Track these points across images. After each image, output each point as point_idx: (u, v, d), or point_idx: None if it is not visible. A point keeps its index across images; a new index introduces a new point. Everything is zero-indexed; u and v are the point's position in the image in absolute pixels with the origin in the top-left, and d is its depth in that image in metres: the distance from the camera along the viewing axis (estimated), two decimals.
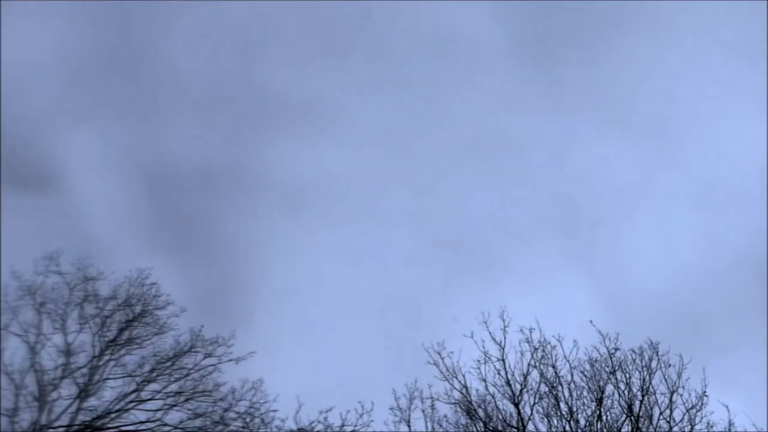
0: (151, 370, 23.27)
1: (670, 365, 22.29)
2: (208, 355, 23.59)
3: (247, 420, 22.26)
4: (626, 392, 22.29)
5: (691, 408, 22.02)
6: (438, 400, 23.48)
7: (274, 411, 22.21)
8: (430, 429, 23.54)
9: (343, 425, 22.05)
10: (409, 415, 23.49)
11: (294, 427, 21.57)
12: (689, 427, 21.91)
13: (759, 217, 21.97)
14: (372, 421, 22.57)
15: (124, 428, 22.04)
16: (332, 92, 33.28)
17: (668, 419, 22.15)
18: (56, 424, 21.77)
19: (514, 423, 23.01)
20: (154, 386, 23.04)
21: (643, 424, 22.40)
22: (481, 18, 32.59)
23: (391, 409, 23.32)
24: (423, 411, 23.66)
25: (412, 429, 23.28)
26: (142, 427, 22.19)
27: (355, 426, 22.06)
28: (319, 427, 21.71)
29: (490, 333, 23.20)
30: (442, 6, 31.47)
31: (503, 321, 23.33)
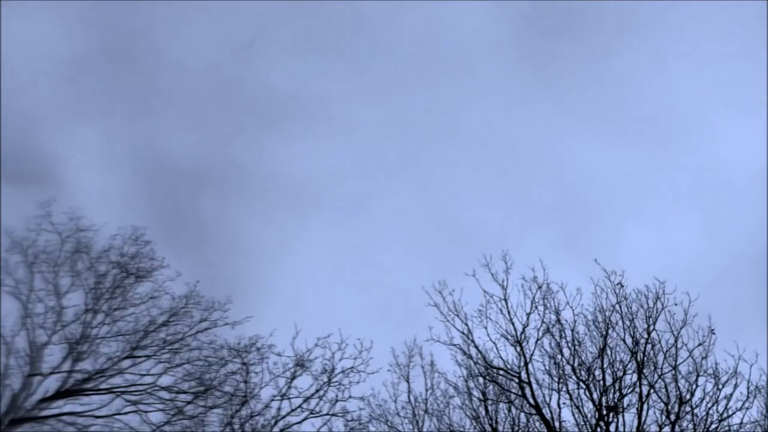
0: (145, 331, 22.60)
1: (676, 304, 21.92)
2: (203, 320, 22.94)
3: (243, 356, 21.45)
4: (630, 329, 21.77)
5: (699, 345, 21.52)
6: (438, 341, 22.94)
7: (271, 346, 21.56)
8: (429, 386, 23.04)
9: (342, 355, 21.39)
10: (408, 373, 23.12)
11: (291, 354, 20.84)
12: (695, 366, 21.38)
13: (759, 217, 22.07)
14: (371, 358, 21.90)
15: (116, 390, 21.23)
16: (332, 91, 33.83)
17: (674, 358, 21.61)
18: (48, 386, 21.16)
19: (515, 364, 22.37)
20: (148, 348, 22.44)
21: (648, 367, 21.77)
22: (480, 18, 33.64)
23: (390, 366, 22.95)
24: (422, 368, 23.26)
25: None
26: (135, 388, 21.39)
27: (355, 359, 21.35)
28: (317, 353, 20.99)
29: (492, 274, 22.88)
30: (441, 6, 32.55)
31: (506, 264, 23.15)
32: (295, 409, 20.77)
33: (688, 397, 21.60)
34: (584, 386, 22.21)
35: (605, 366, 21.56)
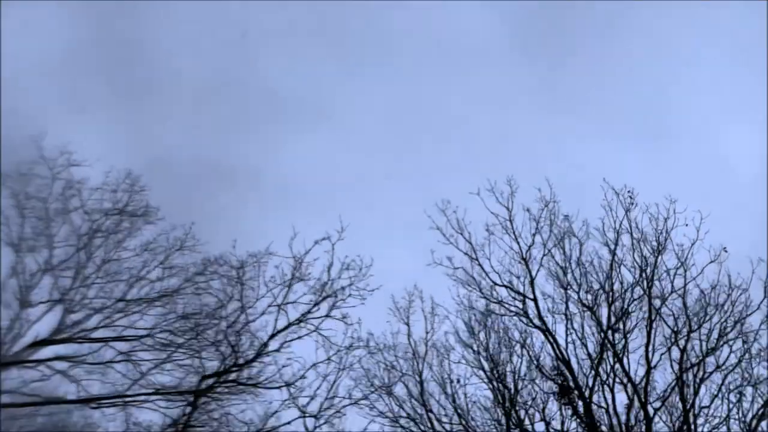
0: (138, 277, 21.68)
1: (686, 224, 21.27)
2: (200, 273, 21.69)
3: (239, 271, 20.50)
4: (639, 245, 21.09)
5: (710, 262, 20.83)
6: (440, 264, 22.20)
7: (270, 255, 20.64)
8: (429, 329, 22.26)
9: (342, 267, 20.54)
10: (408, 317, 22.34)
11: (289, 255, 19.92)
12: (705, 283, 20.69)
13: (759, 216, 21.72)
14: (371, 275, 21.07)
15: (107, 339, 20.38)
16: (331, 89, 33.55)
17: (683, 276, 20.92)
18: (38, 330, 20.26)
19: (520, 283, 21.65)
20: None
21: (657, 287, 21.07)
22: (479, 17, 33.56)
23: (390, 310, 22.14)
24: (422, 310, 22.42)
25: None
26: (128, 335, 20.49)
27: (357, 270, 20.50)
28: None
29: (496, 197, 22.23)
30: (441, 6, 32.48)
31: (510, 188, 22.51)
32: (292, 324, 19.96)
33: (696, 326, 21.01)
34: (589, 310, 21.56)
35: (614, 278, 20.92)
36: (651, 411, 20.18)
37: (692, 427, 20.38)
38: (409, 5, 31.05)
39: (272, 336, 19.80)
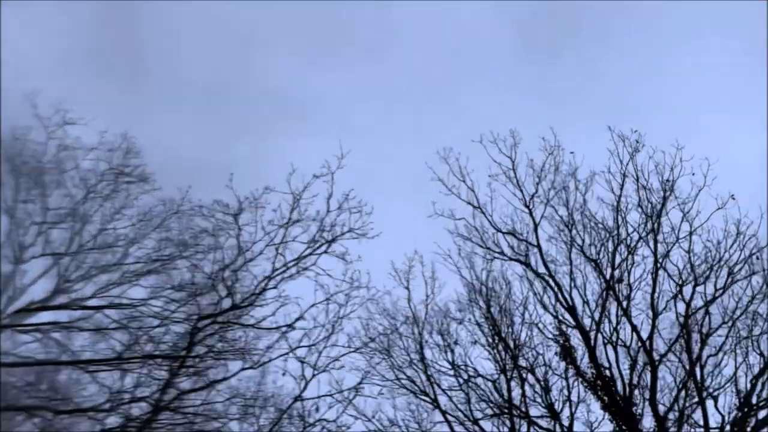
0: (132, 242, 21.17)
1: (693, 173, 20.88)
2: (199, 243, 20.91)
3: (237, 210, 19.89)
4: (645, 192, 20.64)
5: (718, 209, 20.40)
6: (441, 215, 21.81)
7: (268, 190, 19.91)
8: (429, 293, 22.00)
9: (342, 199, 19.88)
10: (408, 280, 22.03)
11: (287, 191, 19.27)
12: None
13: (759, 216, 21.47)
14: (372, 223, 20.59)
15: (101, 306, 19.85)
16: (332, 90, 33.39)
17: (691, 222, 20.48)
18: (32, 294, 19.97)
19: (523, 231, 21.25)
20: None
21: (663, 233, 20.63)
22: (479, 17, 33.40)
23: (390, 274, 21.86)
24: (423, 274, 22.18)
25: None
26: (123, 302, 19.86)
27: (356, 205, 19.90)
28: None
29: (498, 148, 21.85)
30: (441, 6, 32.29)
31: (514, 139, 22.10)
32: (290, 263, 19.41)
33: (702, 280, 20.60)
34: (593, 263, 21.16)
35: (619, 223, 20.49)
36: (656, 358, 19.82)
37: (698, 378, 19.97)
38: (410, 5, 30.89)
39: (269, 277, 19.29)
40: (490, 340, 21.55)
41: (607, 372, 20.38)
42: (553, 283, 20.55)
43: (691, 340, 20.31)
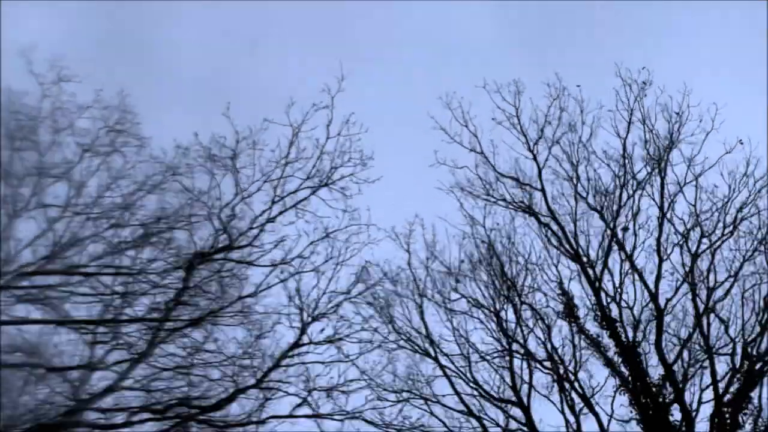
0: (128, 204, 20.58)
1: (701, 120, 20.47)
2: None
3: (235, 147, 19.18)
4: (652, 135, 20.23)
5: (726, 153, 19.99)
6: (443, 164, 21.38)
7: (267, 122, 18.86)
8: (429, 255, 21.59)
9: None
10: (409, 243, 21.57)
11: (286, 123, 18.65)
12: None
13: None
14: (372, 167, 20.07)
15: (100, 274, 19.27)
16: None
17: (699, 166, 20.10)
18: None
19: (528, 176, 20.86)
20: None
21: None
22: (479, 17, 33.00)
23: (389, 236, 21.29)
24: (423, 237, 21.74)
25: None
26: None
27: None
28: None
29: (501, 96, 21.44)
30: (441, 5, 31.86)
31: (517, 88, 21.66)
32: (287, 199, 18.86)
33: (709, 231, 20.24)
34: (598, 213, 20.79)
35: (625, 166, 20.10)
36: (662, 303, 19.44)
37: (705, 326, 19.59)
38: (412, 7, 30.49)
39: (265, 211, 18.75)
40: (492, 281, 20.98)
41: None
42: (557, 227, 20.15)
43: (696, 290, 19.89)
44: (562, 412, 19.81)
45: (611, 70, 20.37)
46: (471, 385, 20.52)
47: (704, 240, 19.71)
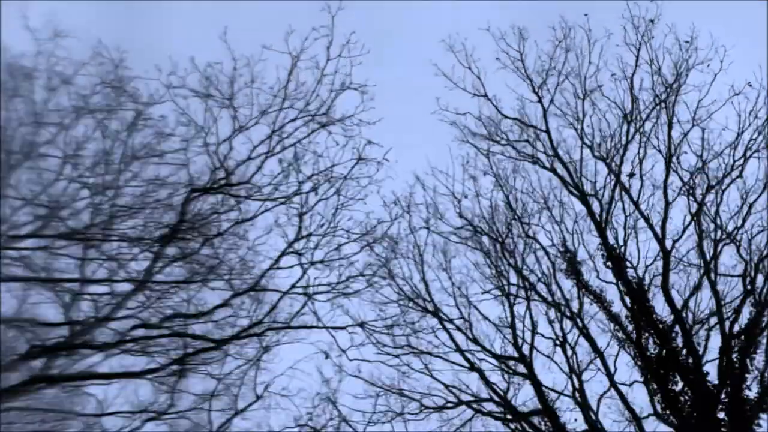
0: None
1: (708, 64, 20.02)
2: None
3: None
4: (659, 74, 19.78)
5: (735, 95, 19.51)
6: (445, 110, 20.96)
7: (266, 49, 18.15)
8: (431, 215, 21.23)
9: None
10: (409, 206, 21.14)
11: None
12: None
13: None
14: (373, 108, 19.56)
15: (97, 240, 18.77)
16: None
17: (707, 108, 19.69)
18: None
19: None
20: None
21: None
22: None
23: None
24: (424, 198, 21.39)
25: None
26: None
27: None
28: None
29: (506, 41, 21.00)
30: (440, 5, 31.43)
31: (520, 34, 21.24)
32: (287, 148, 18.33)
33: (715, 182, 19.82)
34: (603, 161, 20.37)
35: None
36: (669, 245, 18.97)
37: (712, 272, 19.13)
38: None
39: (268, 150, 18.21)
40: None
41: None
42: (562, 169, 19.72)
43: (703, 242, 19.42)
44: (570, 371, 19.26)
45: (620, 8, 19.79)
46: (472, 342, 20.19)
47: (712, 180, 19.18)
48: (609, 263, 18.96)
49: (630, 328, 19.26)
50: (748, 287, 18.25)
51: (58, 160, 19.97)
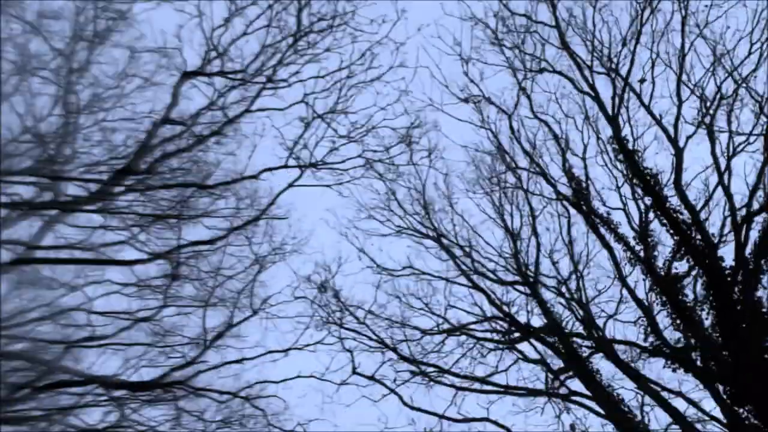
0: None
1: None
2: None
3: None
4: None
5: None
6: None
7: None
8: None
9: None
10: (410, 141, 20.11)
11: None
12: None
13: None
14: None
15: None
16: None
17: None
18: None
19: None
20: None
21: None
22: None
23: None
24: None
25: None
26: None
27: None
28: None
29: None
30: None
31: None
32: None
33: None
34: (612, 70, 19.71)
35: None
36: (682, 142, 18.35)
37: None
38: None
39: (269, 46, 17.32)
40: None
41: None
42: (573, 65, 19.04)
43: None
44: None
45: None
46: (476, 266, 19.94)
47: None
48: (621, 156, 18.28)
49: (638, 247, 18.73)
50: None
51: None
